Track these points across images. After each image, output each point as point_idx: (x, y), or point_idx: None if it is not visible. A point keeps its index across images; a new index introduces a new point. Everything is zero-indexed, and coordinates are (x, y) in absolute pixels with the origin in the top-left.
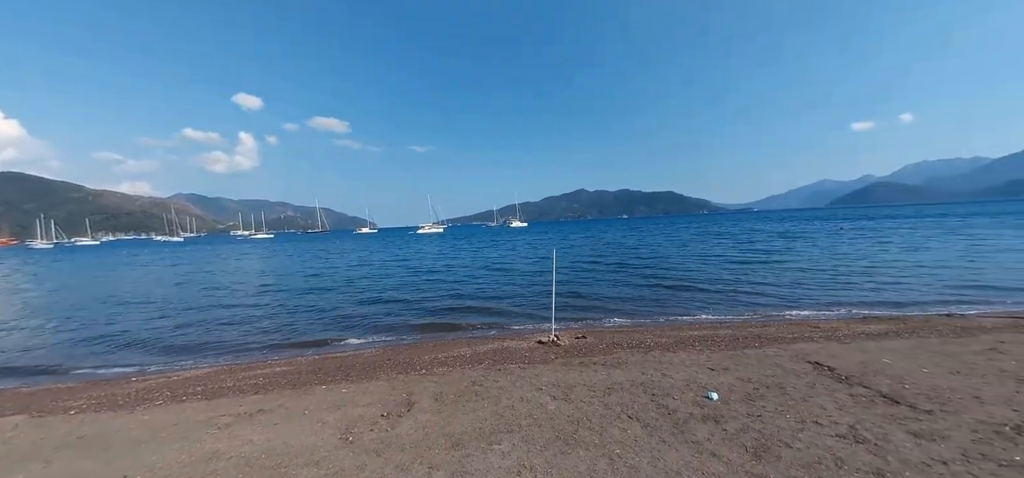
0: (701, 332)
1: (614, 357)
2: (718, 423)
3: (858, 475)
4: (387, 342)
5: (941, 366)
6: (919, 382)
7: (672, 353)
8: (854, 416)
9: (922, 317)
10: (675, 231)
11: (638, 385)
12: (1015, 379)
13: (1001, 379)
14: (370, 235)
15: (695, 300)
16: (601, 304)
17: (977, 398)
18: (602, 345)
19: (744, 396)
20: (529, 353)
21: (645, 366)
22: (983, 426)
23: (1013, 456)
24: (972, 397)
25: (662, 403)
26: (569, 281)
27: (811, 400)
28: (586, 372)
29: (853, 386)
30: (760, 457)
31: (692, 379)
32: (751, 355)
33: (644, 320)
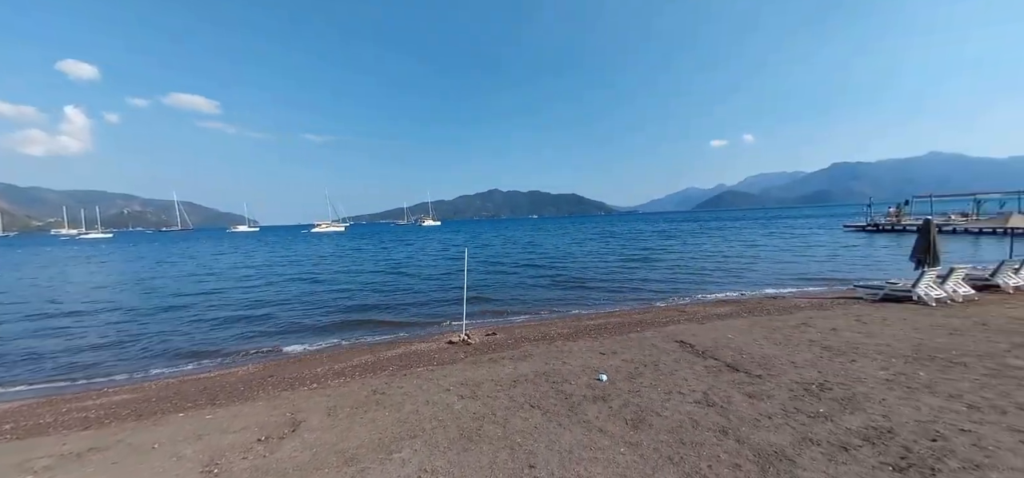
0: (596, 322)
1: (521, 350)
2: (606, 401)
3: (708, 433)
4: (268, 358)
5: (768, 339)
6: (753, 353)
7: (572, 342)
8: (707, 384)
9: (756, 299)
10: (577, 231)
11: (541, 375)
12: (819, 346)
13: (809, 347)
14: (248, 234)
15: (593, 293)
16: (511, 301)
17: (793, 363)
18: (511, 340)
19: (627, 375)
20: (438, 354)
21: (549, 357)
22: (797, 385)
23: (817, 408)
24: (789, 363)
25: (561, 389)
26: (482, 280)
27: (676, 373)
28: (494, 368)
29: (707, 359)
30: (637, 427)
31: (587, 364)
32: (634, 339)
33: (549, 314)
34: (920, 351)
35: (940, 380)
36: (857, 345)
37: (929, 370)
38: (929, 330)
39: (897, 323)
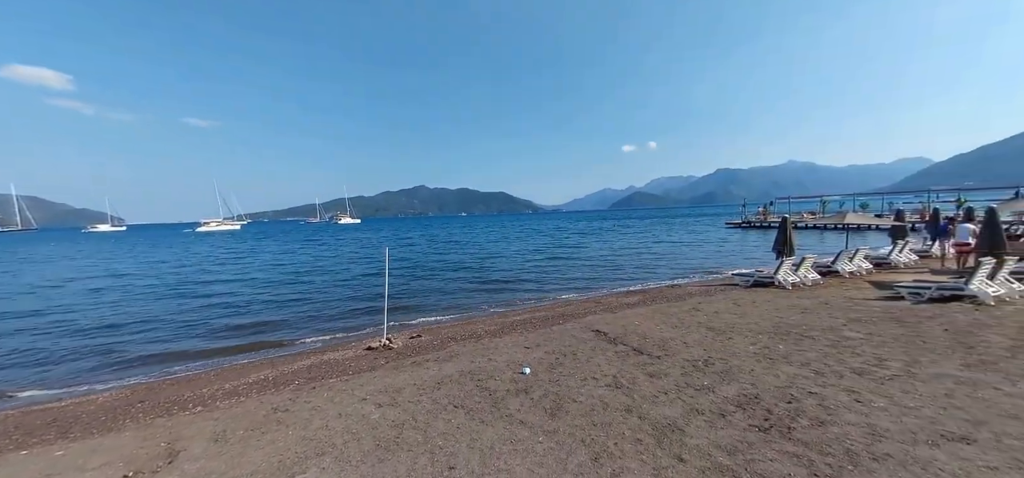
0: (522, 317)
1: (448, 351)
2: (528, 394)
3: (616, 413)
4: (139, 380)
5: (666, 323)
6: (655, 337)
7: (499, 338)
8: (617, 368)
9: (658, 289)
10: (505, 229)
11: (466, 374)
12: (705, 328)
13: (698, 329)
14: (109, 235)
15: (520, 290)
16: (438, 302)
17: (685, 344)
18: (437, 341)
19: (548, 366)
20: (355, 363)
21: (475, 355)
22: (688, 363)
23: (703, 382)
24: (682, 343)
25: (485, 386)
26: (406, 281)
27: (592, 361)
28: (418, 371)
29: (618, 345)
30: (555, 415)
31: (512, 359)
32: (556, 331)
33: (477, 312)
34: (779, 328)
35: (794, 351)
36: (734, 325)
37: (786, 343)
38: (787, 310)
39: (763, 305)
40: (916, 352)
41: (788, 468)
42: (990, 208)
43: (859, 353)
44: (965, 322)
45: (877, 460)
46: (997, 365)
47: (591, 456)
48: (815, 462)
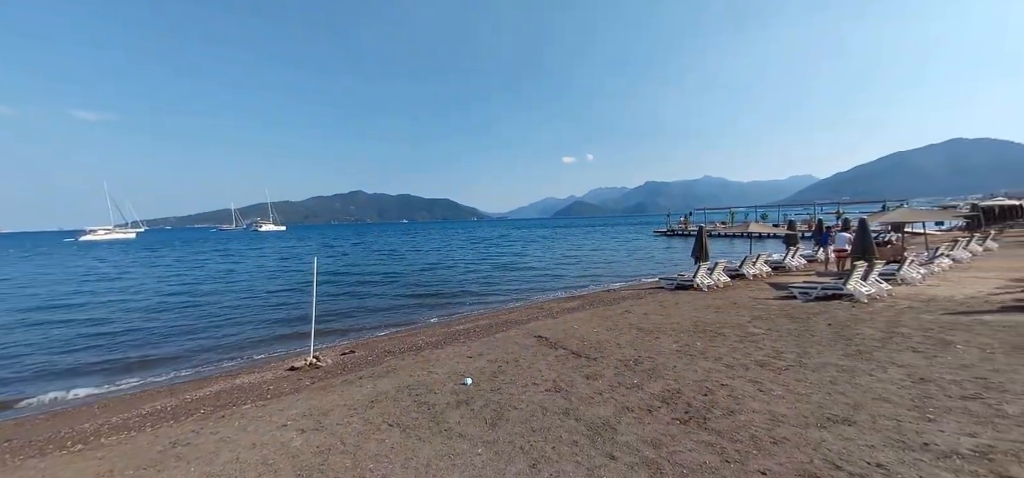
0: (466, 326)
1: (384, 366)
2: (469, 405)
3: (554, 417)
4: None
5: (602, 326)
6: (592, 339)
7: (440, 350)
8: (557, 372)
9: (596, 293)
10: (450, 237)
11: (404, 389)
12: (636, 329)
13: (630, 331)
14: None
15: (465, 298)
16: (376, 314)
17: (618, 345)
18: (372, 356)
19: (491, 375)
20: (275, 385)
21: (415, 368)
22: (621, 363)
23: (633, 380)
24: (616, 345)
25: (424, 400)
26: (339, 294)
27: (533, 366)
28: (349, 390)
29: (557, 349)
30: (495, 425)
31: (454, 370)
32: (500, 338)
33: (418, 323)
34: (698, 326)
35: (709, 347)
36: (660, 325)
37: (703, 340)
38: (703, 309)
39: (685, 306)
40: (806, 344)
41: (704, 456)
42: (862, 219)
43: (761, 347)
44: (844, 317)
45: (776, 443)
46: (871, 354)
47: (529, 463)
48: (726, 449)
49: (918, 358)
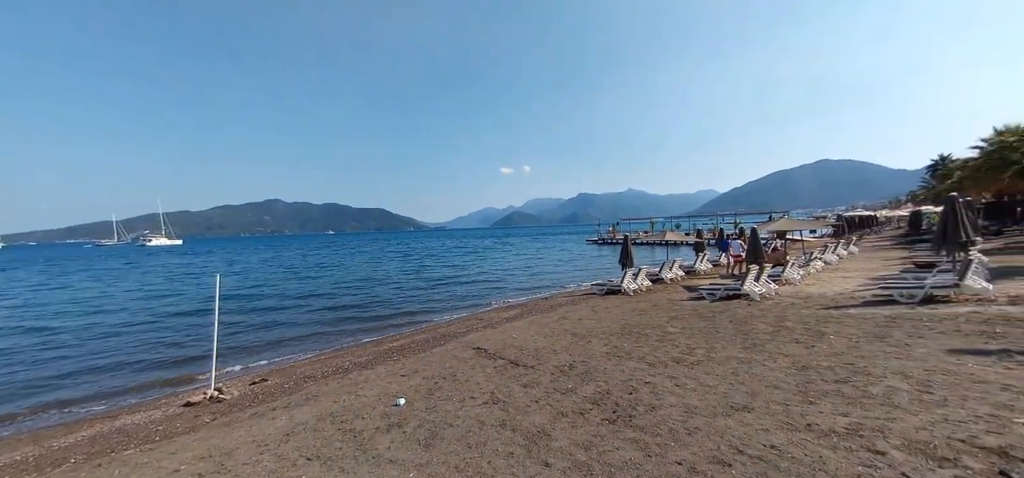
0: (400, 343)
1: (303, 393)
2: (400, 427)
3: (491, 430)
4: None
5: (540, 333)
6: (530, 347)
7: (370, 370)
8: (495, 383)
9: (534, 301)
10: (382, 248)
11: (326, 417)
12: (571, 334)
13: (565, 336)
14: None
15: (399, 313)
16: (294, 336)
17: (554, 351)
18: (288, 384)
19: (426, 393)
20: (165, 424)
21: (339, 393)
22: (556, 369)
23: (568, 385)
24: (552, 351)
25: (350, 427)
26: (247, 316)
27: (471, 380)
28: (259, 423)
29: (496, 360)
30: (429, 446)
31: (385, 391)
32: (437, 353)
33: (345, 343)
34: (625, 328)
35: (634, 348)
36: (592, 329)
37: (629, 342)
38: (630, 313)
39: (614, 310)
40: (713, 340)
41: (629, 453)
42: (753, 228)
43: (677, 344)
44: (743, 315)
45: (690, 433)
46: (763, 347)
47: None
48: (648, 444)
49: (800, 348)
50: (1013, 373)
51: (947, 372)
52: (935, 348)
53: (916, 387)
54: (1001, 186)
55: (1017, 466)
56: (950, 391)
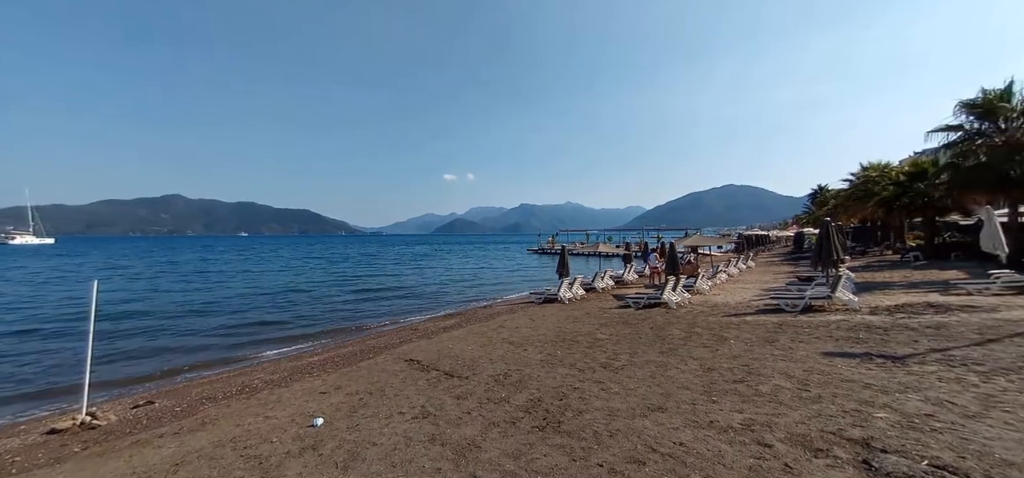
0: (321, 357)
1: (198, 416)
2: (316, 450)
3: (419, 446)
4: None
5: (477, 342)
6: (466, 357)
7: (283, 389)
8: (426, 396)
9: (473, 310)
10: (306, 253)
11: (226, 443)
12: (508, 343)
13: (503, 345)
14: None
15: (322, 324)
16: (190, 352)
17: (491, 360)
18: (181, 406)
19: (349, 410)
20: (24, 456)
21: (245, 414)
22: (491, 379)
23: (501, 394)
24: (488, 360)
25: (255, 454)
26: (131, 329)
27: (401, 394)
28: (142, 452)
29: (430, 372)
30: (348, 468)
31: (301, 411)
32: (364, 367)
33: (255, 360)
34: (560, 336)
35: (566, 355)
36: (529, 337)
37: (562, 349)
38: (565, 320)
39: (550, 317)
40: (635, 345)
41: (556, 459)
42: (671, 243)
43: (605, 350)
44: (661, 321)
45: (612, 436)
46: (677, 351)
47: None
48: (574, 448)
49: (707, 352)
50: (873, 373)
51: (821, 372)
52: (812, 351)
53: (797, 385)
54: (865, 213)
55: (877, 455)
56: (824, 389)
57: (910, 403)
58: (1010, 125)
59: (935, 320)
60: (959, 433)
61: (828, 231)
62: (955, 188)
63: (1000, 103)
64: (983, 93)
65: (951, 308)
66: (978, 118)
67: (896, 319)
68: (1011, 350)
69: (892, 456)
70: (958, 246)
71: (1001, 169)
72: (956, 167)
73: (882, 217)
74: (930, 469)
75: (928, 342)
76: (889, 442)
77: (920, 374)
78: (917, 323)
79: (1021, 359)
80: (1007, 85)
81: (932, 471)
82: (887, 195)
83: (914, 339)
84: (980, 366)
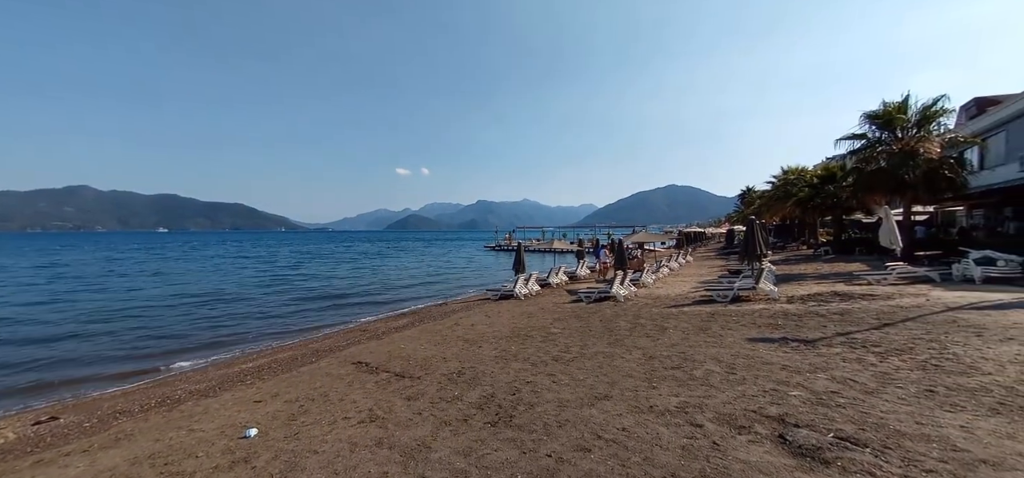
0: (256, 363)
1: (112, 432)
2: (248, 462)
3: (364, 451)
4: None
5: (430, 341)
6: (418, 357)
7: (212, 398)
8: (374, 399)
9: (427, 308)
10: (231, 250)
11: (144, 460)
12: (463, 340)
13: (457, 343)
14: None
15: (260, 326)
16: (100, 363)
17: (444, 359)
18: (91, 422)
19: (287, 419)
20: None
21: (166, 428)
22: (444, 377)
23: (454, 392)
24: (442, 359)
25: (177, 470)
26: (27, 336)
27: (347, 398)
28: (45, 474)
29: (379, 374)
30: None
31: (231, 422)
32: (305, 372)
33: (177, 369)
34: (514, 331)
35: (520, 350)
36: (484, 334)
37: (516, 344)
38: (520, 316)
39: (506, 314)
40: (586, 338)
41: (506, 453)
42: (619, 239)
43: (558, 344)
44: (610, 314)
45: (561, 426)
46: (623, 341)
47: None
48: (525, 441)
49: (649, 341)
50: (788, 356)
51: (746, 356)
52: (739, 337)
53: (725, 369)
54: (785, 212)
55: (791, 430)
56: (747, 371)
57: (819, 382)
58: (905, 134)
59: (841, 307)
60: (860, 408)
61: (753, 229)
62: (859, 190)
63: (898, 114)
64: (884, 105)
65: (854, 297)
66: (879, 128)
67: (808, 307)
68: (904, 333)
69: (803, 430)
70: (861, 242)
71: (897, 173)
72: (860, 171)
73: (799, 216)
74: (835, 441)
75: (834, 327)
76: (801, 418)
77: (828, 356)
78: (826, 310)
79: (912, 341)
80: (904, 98)
81: (837, 442)
82: (803, 196)
83: (823, 325)
84: (877, 347)
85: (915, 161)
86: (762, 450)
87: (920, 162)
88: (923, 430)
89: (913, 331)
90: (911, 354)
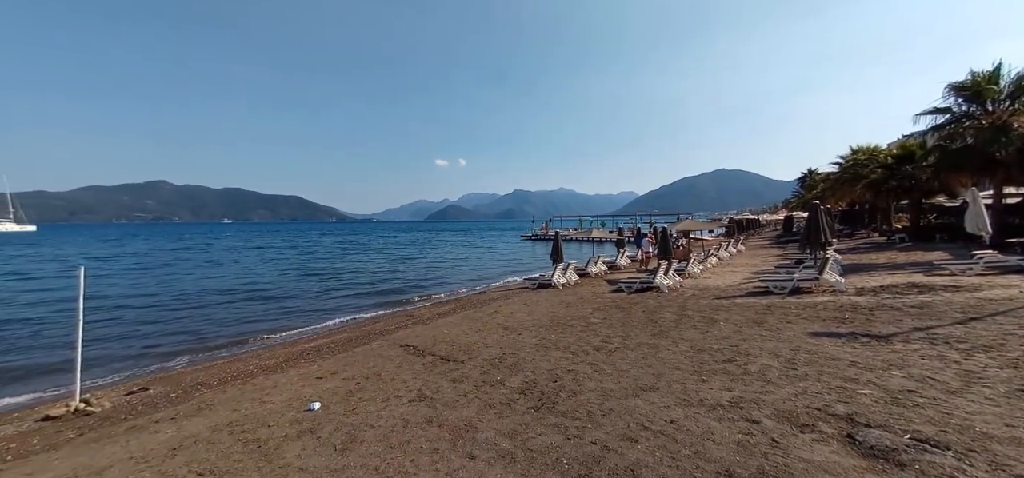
0: (316, 343)
1: (194, 402)
2: (314, 433)
3: (416, 428)
4: None
5: (472, 328)
6: (461, 342)
7: (279, 374)
8: (423, 381)
9: (467, 296)
10: (293, 239)
11: (223, 427)
12: (503, 328)
13: (497, 330)
14: None
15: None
16: (183, 339)
17: (486, 345)
18: (176, 392)
19: (345, 395)
20: (17, 443)
21: (241, 400)
22: (487, 363)
23: (497, 377)
24: (484, 345)
25: (252, 437)
26: (122, 317)
27: (397, 378)
28: (139, 438)
29: (425, 357)
30: (347, 450)
31: (297, 395)
32: (360, 352)
33: (249, 346)
34: (554, 320)
35: (560, 339)
36: (523, 322)
37: (556, 333)
38: (558, 305)
39: (544, 303)
40: (628, 328)
41: (551, 438)
42: (663, 228)
43: (598, 333)
44: (653, 305)
45: (606, 415)
46: (668, 333)
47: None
48: (569, 427)
49: (697, 333)
50: (858, 352)
51: (808, 351)
52: (799, 331)
53: (784, 364)
54: (853, 196)
55: (861, 430)
56: (810, 367)
57: (894, 380)
58: (997, 107)
59: (919, 300)
60: (941, 408)
61: (816, 214)
62: (942, 170)
63: (988, 85)
64: (972, 75)
65: (935, 288)
66: (966, 100)
67: (881, 299)
68: (992, 328)
69: (875, 431)
70: (942, 228)
71: (987, 151)
72: (943, 149)
73: (870, 200)
74: (912, 442)
75: (912, 321)
76: (873, 417)
77: (904, 352)
78: (901, 303)
79: (1002, 337)
80: (995, 67)
81: (914, 444)
82: (875, 178)
83: (898, 319)
84: (962, 344)
85: (1008, 137)
86: (828, 450)
87: (1014, 138)
88: (1014, 433)
89: (1004, 326)
90: (1001, 351)
